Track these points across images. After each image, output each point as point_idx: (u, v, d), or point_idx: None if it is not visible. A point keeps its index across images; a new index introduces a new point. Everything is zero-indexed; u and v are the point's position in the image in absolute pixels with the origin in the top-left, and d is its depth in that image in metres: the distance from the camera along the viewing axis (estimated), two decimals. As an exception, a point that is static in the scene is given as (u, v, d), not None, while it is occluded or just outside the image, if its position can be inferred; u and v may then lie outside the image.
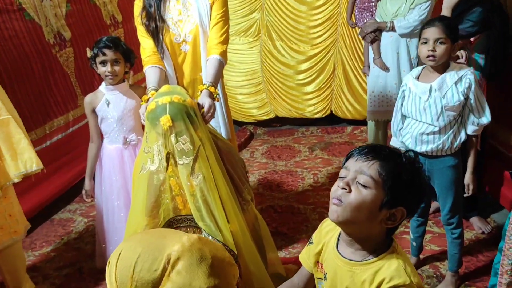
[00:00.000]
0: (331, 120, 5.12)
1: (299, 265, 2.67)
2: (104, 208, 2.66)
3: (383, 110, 3.65)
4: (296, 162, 4.29)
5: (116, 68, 2.45)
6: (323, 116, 5.05)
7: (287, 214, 3.30)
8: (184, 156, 1.83)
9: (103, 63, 2.44)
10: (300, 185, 3.76)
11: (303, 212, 3.30)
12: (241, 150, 4.72)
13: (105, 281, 2.72)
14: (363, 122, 4.80)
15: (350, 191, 1.11)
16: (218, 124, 2.42)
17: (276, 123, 5.37)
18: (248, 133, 5.13)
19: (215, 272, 1.26)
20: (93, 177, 2.69)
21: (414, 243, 2.51)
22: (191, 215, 1.91)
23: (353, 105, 4.85)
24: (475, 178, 2.20)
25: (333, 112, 5.01)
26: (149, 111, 1.85)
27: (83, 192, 2.68)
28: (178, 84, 2.41)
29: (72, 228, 3.51)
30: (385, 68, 3.50)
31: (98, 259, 2.85)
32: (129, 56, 2.52)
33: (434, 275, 2.50)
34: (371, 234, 1.14)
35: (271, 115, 5.22)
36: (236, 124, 5.33)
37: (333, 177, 3.81)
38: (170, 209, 1.94)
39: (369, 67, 3.65)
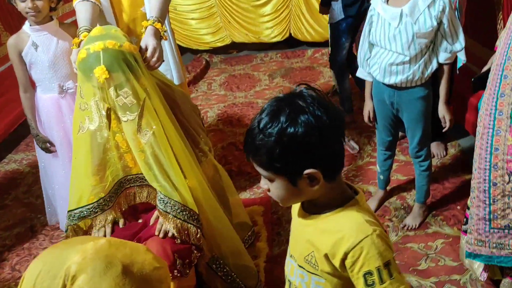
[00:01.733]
0: (290, 43, 4.85)
1: (264, 206, 2.62)
2: (47, 163, 2.42)
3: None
4: (256, 92, 4.07)
5: (38, 2, 2.08)
6: (282, 39, 4.77)
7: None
8: (127, 112, 1.59)
9: (22, -2, 2.05)
10: (261, 118, 3.58)
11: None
12: (198, 82, 4.44)
13: (60, 239, 2.56)
14: (324, 44, 4.57)
15: (269, 189, 1.02)
16: (169, 66, 2.14)
17: (233, 50, 5.05)
18: (204, 62, 4.81)
19: (126, 282, 1.06)
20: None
21: (381, 176, 2.44)
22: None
23: (313, 26, 4.57)
24: (449, 107, 2.08)
25: (292, 34, 4.73)
26: (79, 60, 1.56)
27: (47, 146, 2.34)
28: (117, 22, 2.07)
29: (20, 180, 3.26)
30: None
31: (49, 216, 2.66)
32: (53, -12, 2.14)
33: (402, 207, 2.47)
34: (318, 195, 1.01)
35: (227, 41, 4.88)
36: (190, 53, 4.99)
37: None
38: (119, 168, 1.73)
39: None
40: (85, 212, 1.67)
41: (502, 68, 1.56)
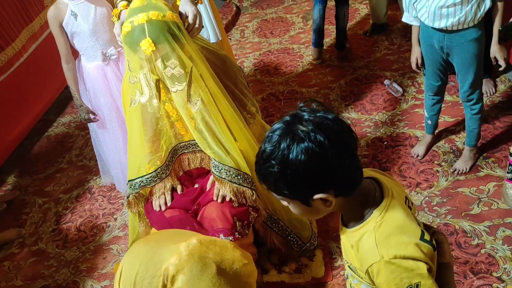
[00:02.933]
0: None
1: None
2: (99, 131, 2.49)
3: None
4: (291, 37, 3.96)
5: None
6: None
7: (291, 101, 3.13)
8: (176, 83, 1.60)
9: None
10: (299, 65, 3.52)
11: (307, 96, 3.13)
12: (230, 30, 4.36)
13: (117, 199, 2.70)
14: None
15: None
16: (205, 25, 2.11)
17: (263, -9, 4.88)
18: (234, 8, 4.68)
19: (221, 282, 1.11)
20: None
21: (429, 121, 2.39)
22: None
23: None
24: (503, 46, 1.97)
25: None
26: (125, 34, 1.56)
27: (89, 116, 2.37)
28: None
29: (71, 143, 3.39)
30: None
31: (103, 176, 2.79)
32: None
33: (451, 150, 2.43)
34: (339, 209, 0.98)
35: (256, -17, 4.71)
36: (220, -1, 4.86)
37: (333, 51, 3.54)
38: (171, 136, 1.77)
39: None
40: (145, 181, 1.74)
41: None
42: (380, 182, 1.00)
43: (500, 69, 2.02)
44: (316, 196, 0.90)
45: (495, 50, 1.97)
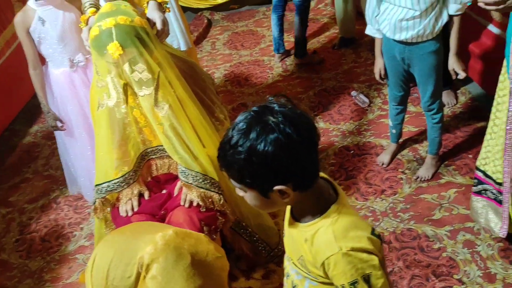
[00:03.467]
0: (293, -5, 4.72)
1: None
2: (66, 139, 2.46)
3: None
4: (261, 49, 4.03)
5: (41, -22, 2.05)
6: (284, -9, 4.64)
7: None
8: (144, 87, 1.61)
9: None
10: (269, 76, 3.58)
11: (277, 107, 3.17)
12: (201, 42, 4.40)
13: (84, 209, 2.65)
14: (328, -6, 4.48)
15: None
16: (174, 33, 2.13)
17: (234, 5, 4.94)
18: (206, 20, 4.73)
19: (195, 272, 1.13)
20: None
21: (394, 130, 2.47)
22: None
23: (315, -25, 4.45)
24: (460, 59, 2.06)
25: (294, -15, 4.60)
26: (92, 38, 1.56)
27: (56, 124, 2.34)
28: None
29: (37, 153, 3.32)
30: None
31: (70, 186, 2.74)
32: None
33: (414, 159, 2.52)
34: (294, 204, 1.01)
35: (228, -3, 4.77)
36: (191, 12, 4.90)
37: (302, 63, 3.62)
38: (139, 142, 1.77)
39: None
40: (112, 186, 1.73)
41: None
42: (331, 182, 1.04)
43: (460, 77, 2.09)
44: (276, 188, 0.92)
45: (453, 62, 2.07)
